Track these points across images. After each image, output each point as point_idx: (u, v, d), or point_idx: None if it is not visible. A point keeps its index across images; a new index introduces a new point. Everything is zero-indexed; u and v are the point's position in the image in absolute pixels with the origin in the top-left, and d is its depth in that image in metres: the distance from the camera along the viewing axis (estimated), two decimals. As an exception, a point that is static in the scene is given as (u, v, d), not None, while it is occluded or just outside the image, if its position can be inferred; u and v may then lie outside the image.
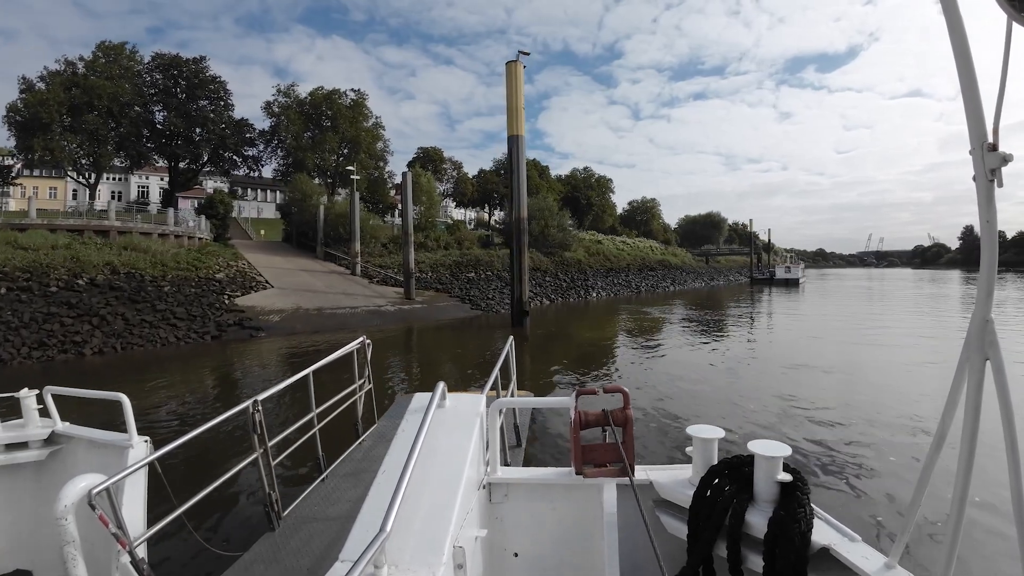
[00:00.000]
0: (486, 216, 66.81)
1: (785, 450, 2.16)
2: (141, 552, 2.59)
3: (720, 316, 26.59)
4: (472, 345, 17.60)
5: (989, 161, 1.39)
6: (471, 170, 62.92)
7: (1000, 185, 1.39)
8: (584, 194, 60.39)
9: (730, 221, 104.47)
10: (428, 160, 56.37)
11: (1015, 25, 1.32)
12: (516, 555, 2.68)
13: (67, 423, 3.56)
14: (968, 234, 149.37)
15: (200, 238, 31.44)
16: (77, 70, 40.58)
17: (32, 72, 40.22)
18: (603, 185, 65.00)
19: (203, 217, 33.67)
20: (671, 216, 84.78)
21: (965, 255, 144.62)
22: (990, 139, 1.39)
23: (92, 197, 44.33)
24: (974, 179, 1.44)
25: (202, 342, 17.13)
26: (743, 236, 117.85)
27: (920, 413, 8.69)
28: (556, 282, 36.57)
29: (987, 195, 1.42)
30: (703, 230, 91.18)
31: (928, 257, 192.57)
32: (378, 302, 24.30)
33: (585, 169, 65.47)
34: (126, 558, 2.49)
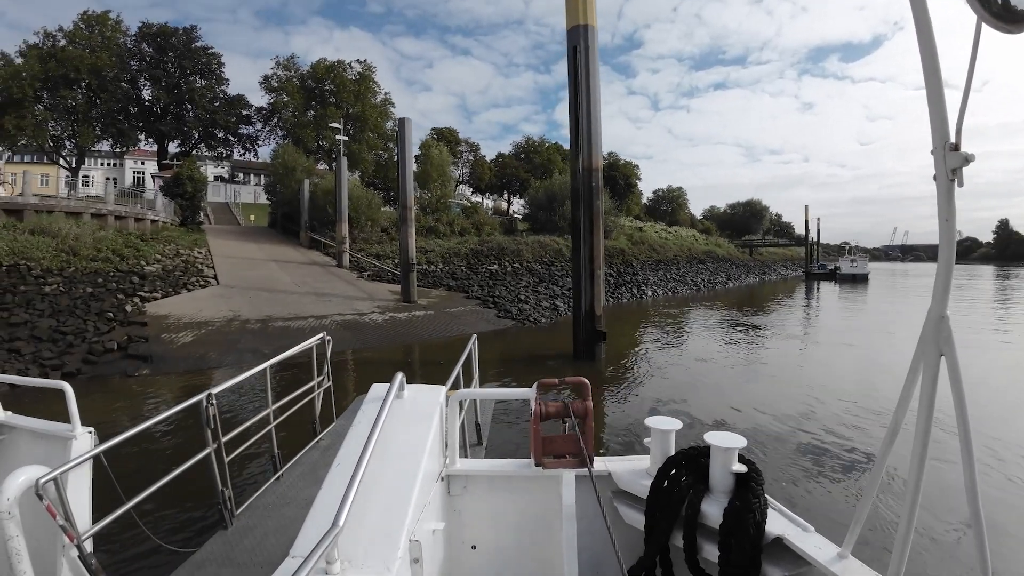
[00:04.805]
0: (504, 204, 60.42)
1: (740, 441, 2.13)
2: (88, 547, 2.48)
3: (859, 325, 19.27)
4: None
5: (951, 161, 1.36)
6: (489, 155, 56.62)
7: (960, 184, 1.37)
8: (621, 173, 52.86)
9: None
10: (442, 141, 49.76)
11: (984, 26, 1.27)
12: (474, 547, 2.59)
13: (9, 412, 3.20)
14: (1003, 228, 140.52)
15: (155, 220, 25.11)
16: (57, 42, 35.98)
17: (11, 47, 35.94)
18: (630, 171, 57.58)
19: (159, 195, 27.09)
20: (691, 207, 76.98)
21: (1000, 250, 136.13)
22: (952, 139, 1.36)
23: (75, 181, 39.23)
24: (934, 178, 1.41)
25: (43, 383, 10.03)
26: (778, 228, 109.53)
27: None
28: (603, 277, 28.91)
29: (947, 194, 1.39)
30: (743, 220, 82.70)
31: (960, 252, 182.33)
32: (361, 307, 16.75)
33: (610, 154, 57.90)
34: (74, 552, 2.39)
